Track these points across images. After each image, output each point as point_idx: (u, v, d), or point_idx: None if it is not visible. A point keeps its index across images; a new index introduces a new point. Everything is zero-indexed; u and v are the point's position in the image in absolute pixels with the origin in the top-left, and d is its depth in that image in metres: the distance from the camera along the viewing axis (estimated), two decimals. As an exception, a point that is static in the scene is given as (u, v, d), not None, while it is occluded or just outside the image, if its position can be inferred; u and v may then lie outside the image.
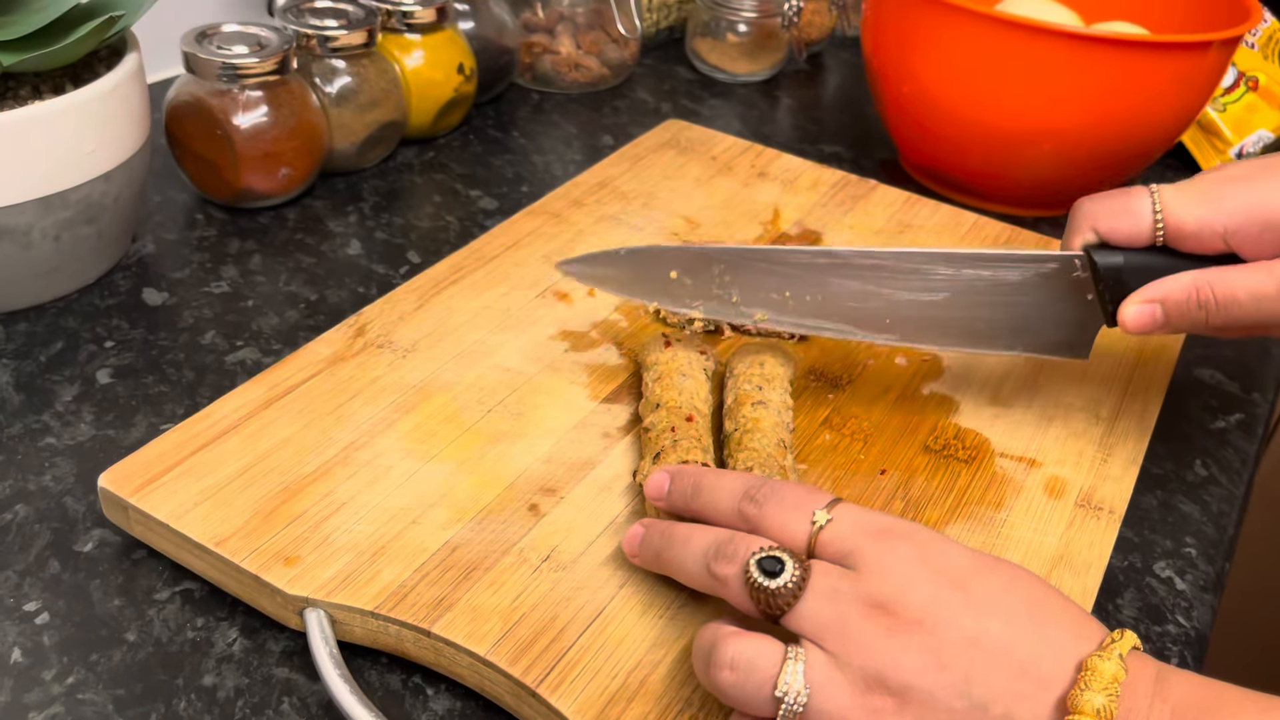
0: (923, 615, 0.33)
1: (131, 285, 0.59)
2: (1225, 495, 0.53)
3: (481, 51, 0.77)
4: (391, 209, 0.69)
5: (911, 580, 0.34)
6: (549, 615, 0.40)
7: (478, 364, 0.52)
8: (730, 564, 0.36)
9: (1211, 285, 0.44)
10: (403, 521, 0.43)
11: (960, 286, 0.48)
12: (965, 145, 0.72)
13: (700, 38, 0.91)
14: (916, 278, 0.48)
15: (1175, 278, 0.45)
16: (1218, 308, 0.44)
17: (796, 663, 0.34)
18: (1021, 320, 0.49)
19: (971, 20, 0.66)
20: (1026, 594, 0.35)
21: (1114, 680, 0.32)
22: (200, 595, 0.43)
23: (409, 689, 0.41)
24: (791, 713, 0.33)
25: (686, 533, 0.39)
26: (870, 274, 0.48)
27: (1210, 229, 0.44)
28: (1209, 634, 0.47)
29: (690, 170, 0.70)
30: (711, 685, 0.35)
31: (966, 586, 0.34)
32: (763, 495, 0.38)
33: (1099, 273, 0.46)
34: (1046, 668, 0.33)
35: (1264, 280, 0.43)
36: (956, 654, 0.33)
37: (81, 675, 0.40)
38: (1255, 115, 0.84)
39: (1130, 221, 0.45)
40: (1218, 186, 0.44)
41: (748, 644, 0.34)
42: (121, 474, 0.44)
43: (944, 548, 0.35)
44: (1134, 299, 0.45)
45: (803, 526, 0.37)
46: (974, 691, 0.33)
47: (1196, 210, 0.44)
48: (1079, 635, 0.34)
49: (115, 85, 0.53)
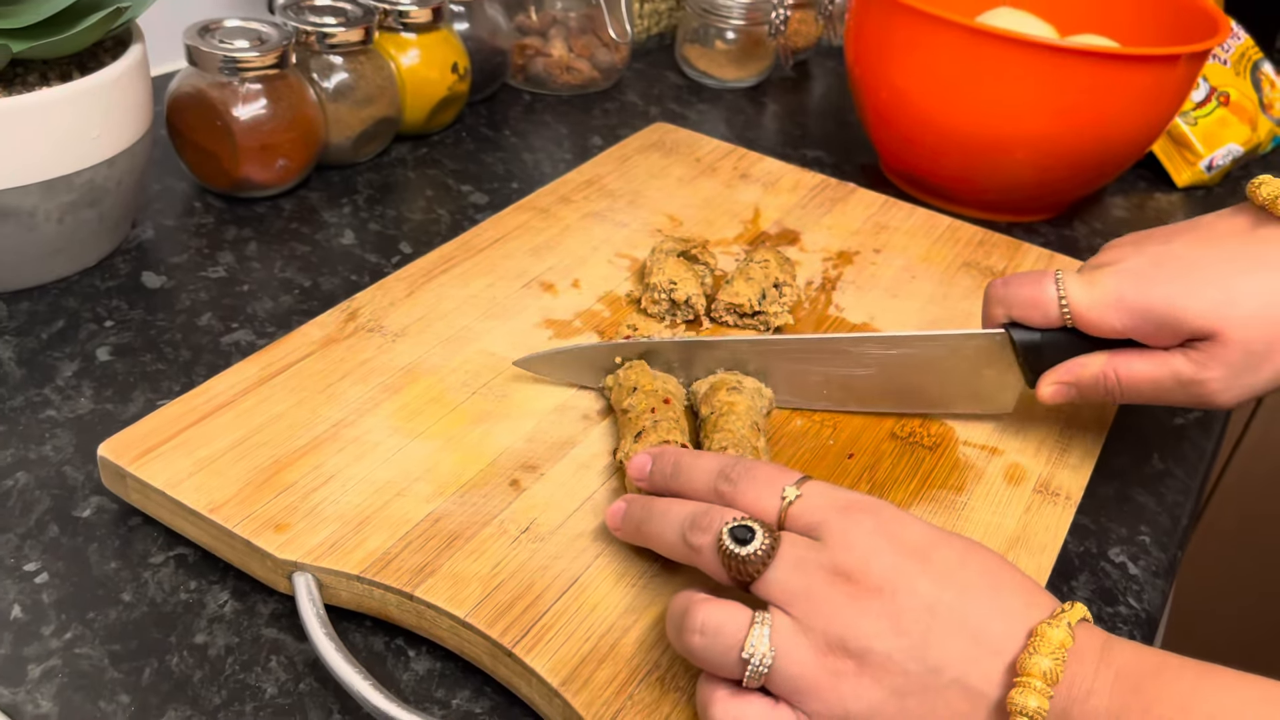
0: (883, 583, 0.35)
1: (131, 268, 0.61)
2: (1180, 487, 0.56)
3: (475, 52, 0.80)
4: (385, 202, 0.71)
5: (874, 551, 0.36)
6: (526, 582, 0.42)
7: (464, 349, 0.54)
8: (705, 534, 0.38)
9: (1117, 371, 0.48)
10: (388, 494, 0.45)
11: (890, 361, 0.52)
12: (942, 151, 0.74)
13: (689, 44, 0.94)
14: (848, 357, 0.52)
15: (1086, 361, 0.49)
16: (1123, 392, 0.49)
17: (763, 627, 0.35)
18: (949, 387, 0.53)
19: (949, 30, 0.68)
20: (982, 566, 0.37)
21: (1061, 646, 0.34)
22: (193, 560, 0.45)
23: (391, 650, 0.43)
24: (757, 674, 0.35)
25: (665, 506, 0.41)
26: (806, 356, 0.52)
27: (1109, 324, 0.47)
28: (1159, 616, 0.50)
29: (674, 170, 0.73)
30: (683, 648, 0.37)
31: (925, 558, 0.36)
32: (736, 473, 0.40)
33: (1018, 347, 0.50)
34: (998, 635, 0.35)
35: (1159, 370, 0.47)
36: (914, 620, 0.35)
37: (79, 631, 0.42)
38: (1226, 129, 0.87)
39: (1039, 312, 0.49)
40: (1117, 283, 0.47)
41: (717, 610, 0.36)
42: (120, 444, 0.45)
43: (905, 522, 0.37)
44: (1049, 378, 0.50)
45: (774, 501, 0.39)
46: (929, 655, 0.35)
47: (1097, 307, 0.47)
48: (1031, 605, 0.36)
49: (121, 74, 0.56)
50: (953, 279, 0.65)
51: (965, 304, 0.62)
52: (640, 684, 0.39)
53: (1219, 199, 0.87)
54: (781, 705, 0.36)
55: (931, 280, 0.64)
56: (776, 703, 0.36)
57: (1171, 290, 0.46)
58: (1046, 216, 0.80)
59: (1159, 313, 0.46)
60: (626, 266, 0.62)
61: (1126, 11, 0.81)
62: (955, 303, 0.62)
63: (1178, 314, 0.46)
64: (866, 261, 0.66)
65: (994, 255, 0.67)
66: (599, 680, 0.39)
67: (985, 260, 0.67)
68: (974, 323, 0.61)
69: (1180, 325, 0.46)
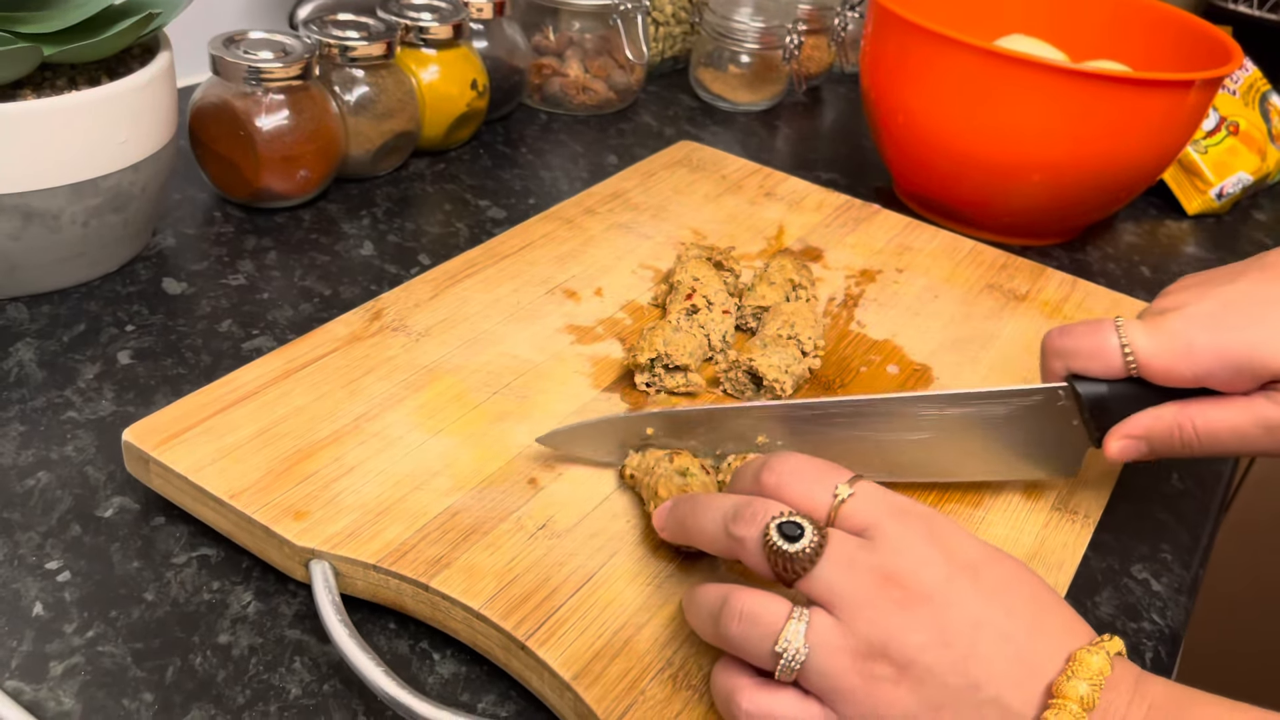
0: (933, 592, 0.35)
1: (152, 274, 0.61)
2: (1200, 507, 0.56)
3: (493, 70, 0.80)
4: (403, 214, 0.71)
5: (925, 559, 0.36)
6: (541, 577, 0.42)
7: (486, 350, 0.54)
8: (749, 526, 0.37)
9: (1194, 422, 0.45)
10: (407, 487, 0.45)
11: (946, 424, 0.47)
12: (957, 174, 0.75)
13: (704, 67, 0.94)
14: (900, 420, 0.47)
15: (1157, 413, 0.46)
16: (1200, 444, 0.45)
17: (799, 622, 0.35)
18: (1010, 450, 0.49)
19: (966, 53, 0.69)
20: (1029, 589, 0.36)
21: (1099, 674, 0.34)
22: (216, 560, 0.45)
23: (416, 653, 0.42)
24: (789, 669, 0.35)
25: (709, 499, 0.40)
26: (854, 420, 0.47)
27: (1179, 373, 0.45)
28: (1183, 632, 0.50)
29: (700, 187, 0.73)
30: (720, 635, 0.37)
31: (976, 573, 0.36)
32: (784, 467, 0.39)
33: (1082, 401, 0.47)
34: (1040, 657, 0.35)
35: (1241, 417, 0.44)
36: (960, 633, 0.35)
37: (101, 629, 0.41)
38: (1235, 158, 0.87)
39: (1102, 363, 0.46)
40: (1185, 328, 0.44)
41: (756, 599, 0.36)
42: (145, 429, 0.46)
43: (957, 534, 0.37)
44: (1118, 433, 0.46)
45: (825, 498, 0.38)
46: (971, 670, 0.34)
47: (1165, 355, 0.45)
48: (1072, 632, 0.36)
49: (150, 79, 0.56)
50: (975, 300, 0.65)
51: (988, 324, 0.63)
52: (653, 680, 0.39)
53: (1229, 227, 0.88)
54: (811, 700, 0.35)
55: (954, 301, 0.65)
56: (806, 696, 0.36)
57: (1249, 334, 0.43)
58: (1059, 240, 0.80)
59: (1237, 358, 0.43)
60: (650, 277, 0.63)
61: (1139, 39, 0.82)
62: (978, 323, 0.63)
63: (1260, 357, 0.43)
64: (889, 280, 0.66)
65: (1017, 278, 0.68)
66: (611, 675, 0.39)
67: (1008, 283, 0.67)
68: (997, 343, 0.61)
69: (1262, 369, 0.43)
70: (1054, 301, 0.66)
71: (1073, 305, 0.66)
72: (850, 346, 0.59)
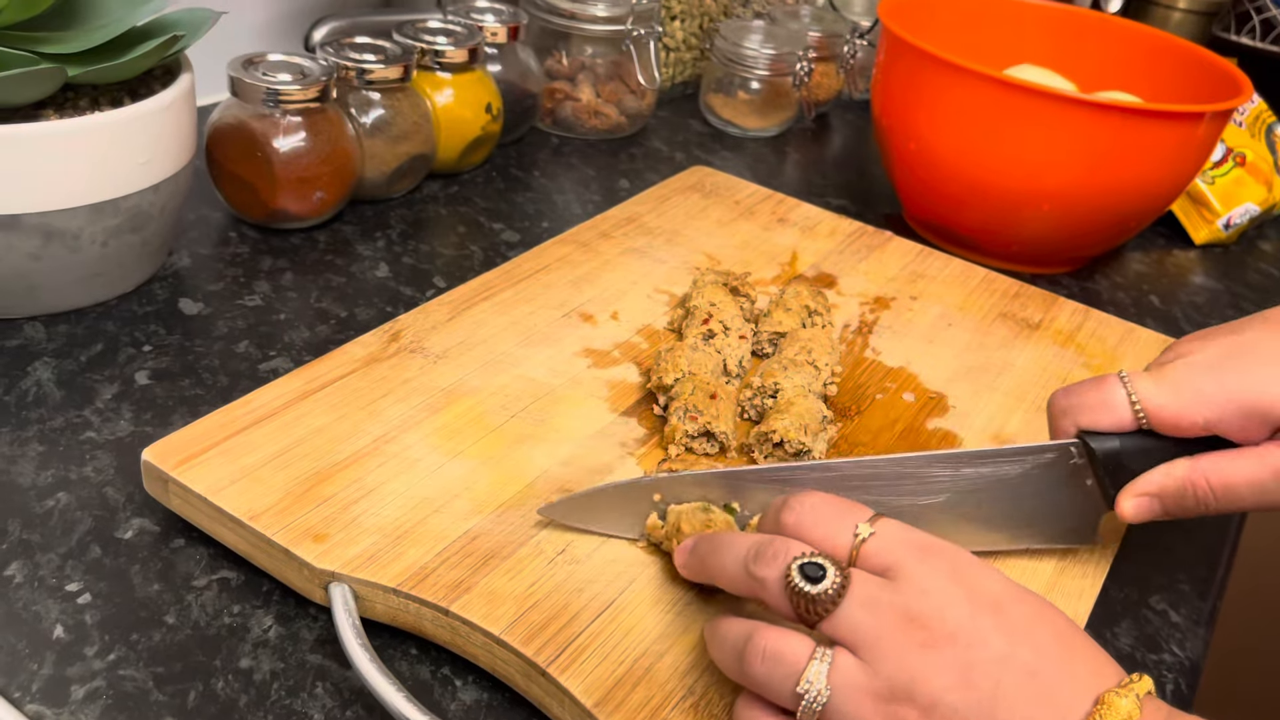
0: (957, 632, 0.35)
1: (168, 295, 0.61)
2: (1215, 539, 0.56)
3: (507, 94, 0.81)
4: (418, 236, 0.71)
5: (949, 599, 0.35)
6: (561, 603, 0.42)
7: (504, 373, 0.54)
8: (770, 566, 0.37)
9: (1207, 477, 0.44)
10: (426, 510, 0.45)
11: (960, 486, 0.46)
12: (968, 202, 0.75)
13: (714, 93, 0.95)
14: (914, 482, 0.46)
15: (1170, 470, 0.44)
16: (1216, 500, 0.44)
17: (822, 663, 0.35)
18: (1025, 512, 0.48)
19: (978, 82, 0.70)
20: (1055, 627, 0.36)
21: (1129, 717, 0.33)
22: (236, 583, 0.45)
23: (438, 680, 0.42)
24: (811, 710, 0.35)
25: (730, 538, 0.40)
26: (867, 484, 0.46)
27: (1190, 420, 0.44)
28: (1202, 664, 0.49)
29: (713, 212, 0.73)
30: (744, 674, 0.37)
31: (1000, 611, 0.35)
32: (803, 506, 0.39)
33: (1095, 457, 0.46)
34: (1067, 698, 0.34)
35: (1258, 469, 0.43)
36: (984, 674, 0.34)
37: (122, 653, 0.41)
38: (1242, 189, 0.88)
39: (1110, 416, 0.45)
40: (1191, 375, 0.44)
41: (780, 638, 0.36)
42: (164, 450, 0.46)
43: (981, 571, 0.37)
44: (1130, 491, 0.45)
45: (845, 538, 0.37)
46: (998, 712, 0.34)
47: (1173, 403, 0.44)
48: (1099, 672, 0.35)
49: (171, 101, 0.56)
50: (989, 328, 0.65)
51: (1001, 353, 0.63)
52: (674, 709, 0.39)
53: (1236, 257, 0.89)
54: None
55: (968, 329, 0.65)
56: None
57: (1256, 377, 0.43)
58: (1068, 269, 0.81)
59: (1245, 401, 0.43)
60: (665, 301, 0.63)
61: (1148, 71, 0.82)
62: (991, 351, 0.63)
63: (1268, 400, 0.43)
64: (903, 308, 0.66)
65: (1030, 307, 0.68)
66: (633, 703, 0.39)
67: (1021, 311, 0.67)
68: (1013, 371, 0.61)
69: (1270, 412, 0.43)
70: (1067, 330, 0.66)
71: (1086, 334, 0.66)
72: (866, 374, 0.59)
